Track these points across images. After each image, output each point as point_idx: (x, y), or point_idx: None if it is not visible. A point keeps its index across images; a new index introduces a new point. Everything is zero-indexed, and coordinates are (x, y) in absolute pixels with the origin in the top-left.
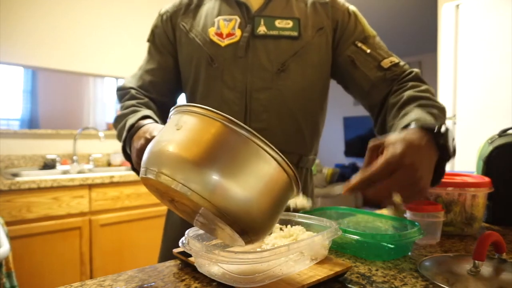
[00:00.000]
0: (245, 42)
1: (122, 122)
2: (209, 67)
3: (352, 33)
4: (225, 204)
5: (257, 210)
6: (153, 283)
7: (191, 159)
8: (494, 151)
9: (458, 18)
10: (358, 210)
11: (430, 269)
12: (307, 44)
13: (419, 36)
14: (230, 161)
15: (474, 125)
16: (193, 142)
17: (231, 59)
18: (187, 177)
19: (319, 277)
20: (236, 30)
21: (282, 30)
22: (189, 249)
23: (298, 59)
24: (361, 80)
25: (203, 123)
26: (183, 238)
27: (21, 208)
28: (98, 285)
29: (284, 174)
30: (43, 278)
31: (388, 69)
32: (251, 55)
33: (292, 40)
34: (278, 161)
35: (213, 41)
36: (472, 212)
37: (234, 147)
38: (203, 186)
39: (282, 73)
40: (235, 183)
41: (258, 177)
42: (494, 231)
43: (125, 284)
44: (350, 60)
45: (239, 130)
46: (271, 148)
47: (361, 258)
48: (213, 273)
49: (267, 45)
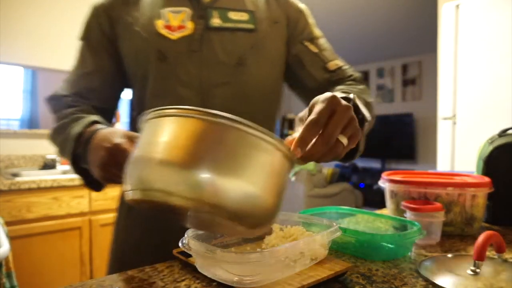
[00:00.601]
0: (199, 35)
1: (63, 133)
2: (159, 63)
3: (301, 32)
4: (237, 205)
5: (264, 200)
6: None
7: (183, 165)
8: (494, 151)
9: (458, 18)
10: (358, 210)
11: (430, 269)
12: (264, 37)
13: (419, 36)
14: (225, 157)
15: (474, 125)
16: (179, 148)
17: (185, 54)
18: (190, 187)
19: (319, 277)
20: (187, 23)
21: (238, 22)
22: (189, 249)
23: (256, 53)
24: (308, 80)
25: (183, 124)
26: (183, 238)
27: (21, 208)
28: (98, 285)
29: (278, 152)
30: (43, 278)
31: (334, 71)
32: (206, 48)
33: (249, 33)
34: (268, 141)
35: (162, 34)
36: (472, 212)
37: (222, 140)
38: (212, 193)
39: (240, 67)
40: (239, 179)
41: (255, 165)
42: (494, 231)
43: (125, 284)
44: (297, 59)
45: (221, 120)
46: (258, 130)
47: (361, 258)
48: (213, 273)
49: (223, 38)
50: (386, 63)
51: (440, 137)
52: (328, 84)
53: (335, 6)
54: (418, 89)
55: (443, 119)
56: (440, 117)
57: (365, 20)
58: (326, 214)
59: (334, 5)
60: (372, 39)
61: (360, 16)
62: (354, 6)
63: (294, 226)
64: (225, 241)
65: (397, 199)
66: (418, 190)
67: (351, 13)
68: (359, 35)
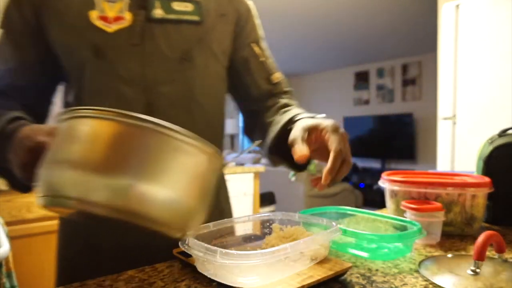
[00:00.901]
0: (140, 27)
1: None
2: (96, 59)
3: (249, 33)
4: (157, 211)
5: (187, 204)
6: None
7: (98, 171)
8: (494, 151)
9: (458, 18)
10: (358, 210)
11: (430, 269)
12: (210, 30)
13: (419, 36)
14: (144, 161)
15: (474, 125)
16: (95, 152)
17: (124, 48)
18: (106, 194)
19: (319, 277)
20: (125, 13)
21: (182, 13)
22: (189, 249)
23: (202, 47)
24: (251, 86)
25: (98, 126)
26: (183, 239)
27: (21, 208)
28: (98, 285)
29: (202, 154)
30: (43, 278)
31: (275, 84)
32: (148, 42)
33: (195, 26)
34: (191, 144)
35: (97, 26)
36: (472, 212)
37: (141, 144)
38: (130, 201)
39: (186, 63)
40: (159, 184)
41: (176, 169)
42: (494, 231)
43: (125, 284)
44: (244, 62)
45: (140, 123)
46: (180, 133)
47: (361, 258)
48: (213, 273)
49: (167, 30)
50: (386, 63)
51: (440, 137)
52: (269, 96)
53: (335, 6)
54: (418, 89)
55: (443, 119)
56: (440, 117)
57: (365, 20)
58: (326, 214)
59: (334, 5)
60: (372, 39)
61: (360, 16)
62: (354, 6)
63: (294, 226)
64: (225, 241)
65: (397, 199)
66: (418, 190)
67: (351, 13)
68: (359, 35)
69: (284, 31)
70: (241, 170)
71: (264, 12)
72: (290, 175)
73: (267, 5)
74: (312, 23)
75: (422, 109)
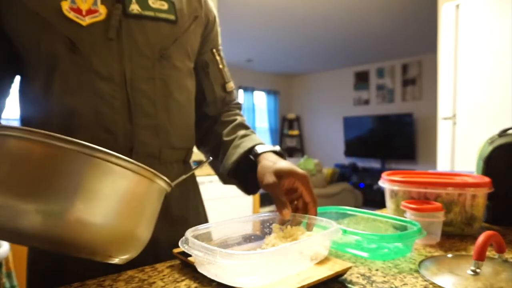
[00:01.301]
0: (117, 21)
1: None
2: (70, 53)
3: (213, 39)
4: (84, 240)
5: (120, 229)
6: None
7: (15, 196)
8: (494, 151)
9: (458, 18)
10: (358, 210)
11: (430, 269)
12: (185, 31)
13: (419, 36)
14: (76, 186)
15: (474, 125)
16: (17, 175)
17: (100, 43)
18: (24, 221)
19: (319, 277)
20: (99, 7)
21: (158, 11)
22: (188, 249)
23: (178, 47)
24: (207, 90)
25: (19, 147)
26: (183, 238)
27: None
28: (98, 285)
29: (141, 178)
30: None
31: (229, 93)
32: (125, 38)
33: (171, 25)
34: (128, 168)
35: (70, 18)
36: (472, 212)
37: (73, 168)
38: (53, 229)
39: (164, 61)
40: (88, 210)
41: (112, 195)
42: (494, 231)
43: (125, 284)
44: (205, 66)
45: (68, 146)
46: (114, 156)
47: (361, 258)
48: (213, 273)
49: (145, 27)
50: (386, 63)
51: (440, 137)
52: (221, 103)
53: (335, 6)
54: (418, 89)
55: (443, 119)
56: (440, 117)
57: (365, 20)
58: (326, 214)
59: (334, 5)
60: (372, 39)
61: (360, 16)
62: (354, 6)
63: (295, 226)
64: (225, 241)
65: (397, 199)
66: (418, 190)
67: (351, 13)
68: (359, 34)
69: (284, 31)
70: None
71: (264, 12)
72: None
73: (267, 5)
74: (312, 23)
75: (422, 109)
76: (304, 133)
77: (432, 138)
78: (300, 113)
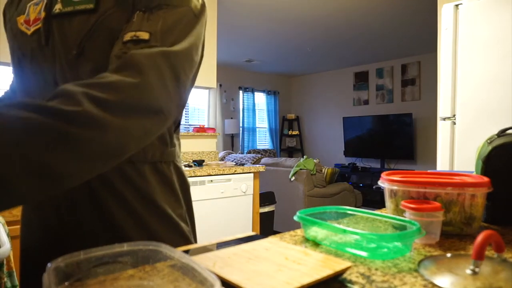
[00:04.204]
0: (45, 25)
1: None
2: (21, 62)
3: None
4: None
5: None
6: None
7: None
8: (493, 151)
9: (457, 18)
10: (358, 210)
11: (430, 269)
12: (104, 16)
13: (419, 36)
14: None
15: (474, 125)
16: None
17: (37, 50)
18: None
19: (319, 277)
20: (42, 14)
21: (77, 4)
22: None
23: (95, 37)
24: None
25: None
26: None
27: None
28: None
29: None
30: None
31: (125, 43)
32: (51, 41)
33: (88, 15)
34: None
35: (22, 30)
36: (471, 212)
37: None
38: None
39: (81, 58)
40: None
41: None
42: (493, 231)
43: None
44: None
45: None
46: None
47: (360, 258)
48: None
49: (63, 25)
50: (385, 63)
51: (440, 137)
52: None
53: (335, 6)
54: (417, 89)
55: (443, 119)
56: (439, 117)
57: (365, 20)
58: (326, 213)
59: (333, 6)
60: (372, 39)
61: (359, 16)
62: (353, 6)
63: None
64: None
65: (396, 199)
66: (417, 189)
67: (351, 13)
68: (358, 35)
69: (284, 31)
70: (241, 170)
71: (264, 13)
72: (290, 175)
73: (267, 5)
74: (312, 23)
75: (421, 109)
76: (304, 133)
77: (431, 138)
78: (299, 113)
